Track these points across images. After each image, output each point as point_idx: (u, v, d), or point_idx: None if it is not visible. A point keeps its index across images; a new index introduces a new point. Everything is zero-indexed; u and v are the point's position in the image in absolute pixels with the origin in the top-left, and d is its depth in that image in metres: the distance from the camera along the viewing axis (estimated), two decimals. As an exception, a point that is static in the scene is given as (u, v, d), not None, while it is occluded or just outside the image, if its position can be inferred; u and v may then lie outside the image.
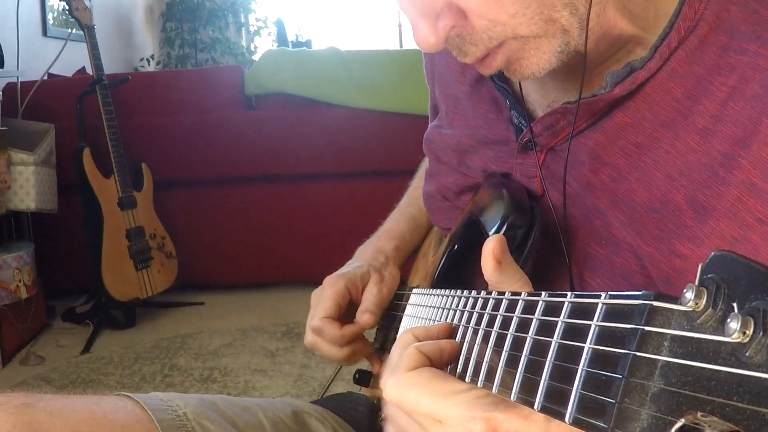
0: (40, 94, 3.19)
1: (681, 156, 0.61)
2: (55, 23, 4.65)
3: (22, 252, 2.81)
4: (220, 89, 3.30)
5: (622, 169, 0.65)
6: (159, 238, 3.14)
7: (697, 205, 0.59)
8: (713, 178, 0.58)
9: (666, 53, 0.61)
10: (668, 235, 0.60)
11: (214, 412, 0.82)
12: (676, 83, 0.62)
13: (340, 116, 3.19)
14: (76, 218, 3.02)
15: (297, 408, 0.93)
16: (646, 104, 0.63)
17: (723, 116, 0.58)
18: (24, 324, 2.84)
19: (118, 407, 0.76)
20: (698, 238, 0.58)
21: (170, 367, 2.60)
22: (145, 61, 6.04)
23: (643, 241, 0.62)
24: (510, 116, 0.77)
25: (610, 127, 0.66)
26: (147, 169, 3.15)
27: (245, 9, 6.88)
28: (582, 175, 0.68)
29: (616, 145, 0.65)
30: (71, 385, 2.46)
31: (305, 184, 3.31)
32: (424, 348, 0.53)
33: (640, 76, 0.62)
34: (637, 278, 0.64)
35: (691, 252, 0.59)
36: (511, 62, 0.62)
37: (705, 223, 0.58)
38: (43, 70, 3.36)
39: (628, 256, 0.65)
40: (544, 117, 0.70)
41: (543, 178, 0.73)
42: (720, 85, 0.59)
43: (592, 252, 0.68)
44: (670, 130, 0.62)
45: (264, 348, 2.73)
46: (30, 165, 2.82)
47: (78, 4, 2.97)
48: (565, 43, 0.60)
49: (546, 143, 0.72)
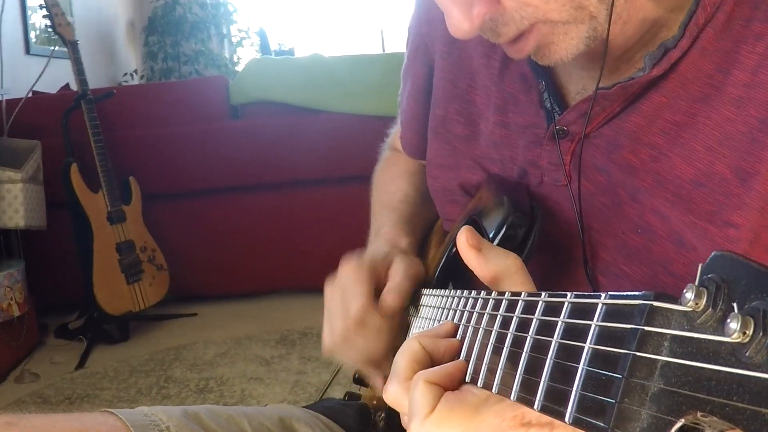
0: (26, 111, 3.17)
1: (719, 127, 0.61)
2: (38, 41, 4.64)
3: (12, 270, 2.80)
4: (205, 100, 3.30)
5: (662, 148, 0.65)
6: (149, 251, 3.13)
7: (742, 173, 0.59)
8: (753, 143, 0.59)
9: (695, 31, 0.62)
10: (719, 207, 0.61)
11: (197, 425, 0.83)
12: (707, 60, 0.63)
13: (327, 122, 3.19)
14: (66, 234, 3.01)
15: (284, 414, 0.92)
16: (680, 83, 0.64)
17: (756, 83, 0.60)
18: (17, 342, 2.82)
19: (99, 423, 0.76)
20: (747, 204, 0.59)
21: (166, 379, 2.59)
22: (129, 76, 6.02)
23: (696, 216, 0.62)
24: (541, 99, 0.76)
25: (646, 108, 0.66)
26: (135, 183, 3.14)
27: (227, 20, 6.87)
28: (622, 158, 0.68)
29: (654, 125, 0.66)
30: (67, 401, 2.45)
31: (294, 191, 3.31)
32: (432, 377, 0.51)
33: (674, 55, 0.63)
34: (675, 266, 0.64)
35: (743, 219, 0.59)
36: (540, 47, 0.63)
37: (751, 188, 0.59)
38: (27, 88, 3.35)
39: (665, 243, 0.65)
40: (579, 104, 0.70)
41: (571, 167, 0.73)
42: (748, 53, 0.60)
43: (627, 240, 0.68)
44: (705, 105, 0.62)
45: (259, 356, 2.73)
46: (18, 182, 2.81)
47: (60, 19, 2.96)
48: (592, 29, 0.61)
49: (579, 131, 0.71)
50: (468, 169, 0.85)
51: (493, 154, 0.82)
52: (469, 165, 0.85)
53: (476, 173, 0.84)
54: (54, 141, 3.03)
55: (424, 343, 0.55)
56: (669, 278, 0.64)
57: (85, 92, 2.94)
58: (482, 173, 0.84)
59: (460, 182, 0.87)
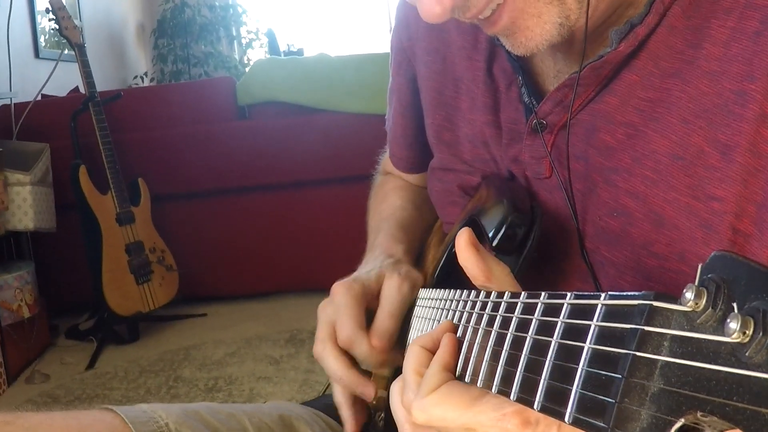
0: (34, 114, 3.19)
1: (693, 100, 0.61)
2: (47, 45, 4.66)
3: (22, 271, 2.81)
4: (212, 101, 3.31)
5: (638, 125, 0.65)
6: (159, 252, 3.14)
7: (720, 145, 0.59)
8: (729, 116, 0.59)
9: (660, 8, 0.62)
10: (700, 181, 0.60)
11: (196, 422, 0.82)
12: (677, 37, 0.63)
13: (334, 121, 3.19)
14: (75, 236, 3.03)
15: (284, 412, 0.92)
16: (651, 60, 0.64)
17: (727, 56, 0.59)
18: (27, 343, 2.84)
19: (96, 420, 0.76)
20: (729, 177, 0.59)
21: (175, 378, 2.60)
22: (138, 79, 6.04)
23: (678, 192, 0.62)
24: (520, 94, 0.77)
25: (619, 88, 0.66)
26: (143, 184, 3.15)
27: (236, 22, 6.87)
28: (599, 140, 0.68)
29: (628, 104, 0.66)
30: (77, 401, 2.47)
31: (302, 191, 3.31)
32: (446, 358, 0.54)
33: (640, 31, 0.63)
34: (657, 247, 0.64)
35: (726, 192, 0.59)
36: (516, 30, 0.63)
37: (733, 160, 0.58)
38: (36, 91, 3.37)
39: (643, 224, 0.65)
40: (553, 93, 0.70)
41: (552, 159, 0.73)
42: (718, 27, 0.60)
43: (605, 225, 0.68)
44: (678, 79, 0.62)
45: (268, 355, 2.73)
46: (27, 185, 2.82)
47: (67, 23, 2.98)
48: (564, 15, 0.61)
49: (556, 121, 0.72)
50: (465, 172, 0.86)
51: (484, 154, 0.83)
52: (465, 168, 0.86)
53: (474, 175, 0.85)
54: (63, 143, 3.05)
55: (424, 344, 0.57)
56: (653, 260, 0.64)
57: (93, 95, 2.95)
58: (478, 175, 0.84)
59: (459, 183, 0.87)
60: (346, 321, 0.78)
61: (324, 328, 0.81)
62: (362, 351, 0.77)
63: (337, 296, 0.81)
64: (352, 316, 0.78)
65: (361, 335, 0.77)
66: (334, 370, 0.79)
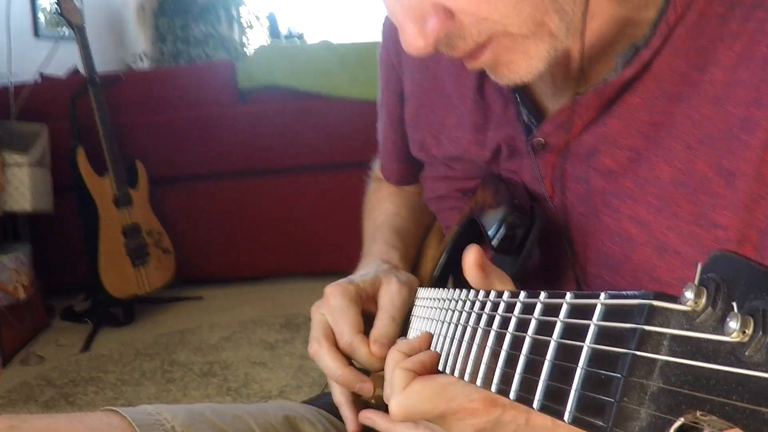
0: (33, 95, 3.17)
1: (697, 126, 0.60)
2: (47, 24, 4.63)
3: (19, 253, 2.81)
4: (212, 85, 3.29)
5: (640, 149, 0.64)
6: (155, 235, 3.14)
7: (724, 172, 0.59)
8: (734, 142, 0.58)
9: (665, 30, 0.61)
10: (704, 209, 0.60)
11: (202, 424, 0.81)
12: (681, 59, 0.62)
13: (334, 107, 3.18)
14: (72, 218, 3.02)
15: (289, 413, 0.91)
16: (655, 82, 0.63)
17: (734, 82, 0.59)
18: (23, 324, 2.84)
19: (102, 422, 0.76)
20: (733, 205, 0.58)
21: (170, 362, 2.61)
22: (137, 58, 6.02)
23: (681, 220, 0.62)
24: (518, 113, 0.75)
25: (622, 111, 0.65)
26: (141, 166, 3.14)
27: (237, 3, 6.84)
28: (601, 163, 0.67)
29: (631, 126, 0.65)
30: (71, 383, 2.47)
31: (301, 176, 3.31)
32: (407, 365, 0.58)
33: (645, 54, 0.62)
34: (660, 272, 0.63)
35: (730, 220, 0.59)
36: (499, 64, 0.61)
37: (737, 188, 0.58)
38: (35, 71, 3.35)
39: (645, 250, 0.64)
40: (555, 114, 0.69)
41: (553, 180, 0.72)
42: (725, 51, 0.59)
43: (607, 251, 0.67)
44: (682, 103, 0.62)
45: (263, 340, 2.74)
46: (24, 166, 2.81)
47: (68, 4, 2.95)
48: (553, 48, 0.60)
49: (557, 142, 0.70)
50: (458, 179, 0.86)
51: (472, 171, 0.83)
52: (457, 175, 0.86)
53: (467, 181, 0.85)
54: (61, 125, 3.03)
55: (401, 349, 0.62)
56: (655, 285, 0.63)
57: (93, 77, 2.94)
58: (472, 180, 0.84)
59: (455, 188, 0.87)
60: (344, 326, 0.77)
61: (318, 327, 0.80)
62: (362, 356, 0.76)
63: (332, 298, 0.79)
64: (349, 320, 0.77)
65: (360, 340, 0.76)
66: (332, 369, 0.78)
